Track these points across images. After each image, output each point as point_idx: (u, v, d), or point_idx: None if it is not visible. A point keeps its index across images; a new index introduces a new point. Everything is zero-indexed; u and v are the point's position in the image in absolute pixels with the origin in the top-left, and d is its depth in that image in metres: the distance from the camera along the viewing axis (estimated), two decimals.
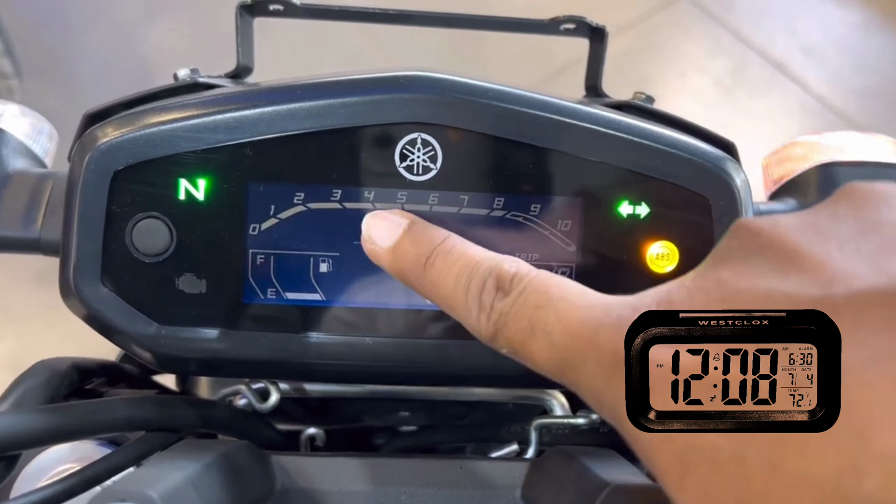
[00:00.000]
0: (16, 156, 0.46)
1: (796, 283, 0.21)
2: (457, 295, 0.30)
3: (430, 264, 0.32)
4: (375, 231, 0.34)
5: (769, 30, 2.06)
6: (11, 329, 1.60)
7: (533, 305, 0.27)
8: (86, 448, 0.39)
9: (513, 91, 0.38)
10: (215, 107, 0.37)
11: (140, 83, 1.55)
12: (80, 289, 0.37)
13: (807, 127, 1.90)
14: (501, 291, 0.29)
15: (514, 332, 0.28)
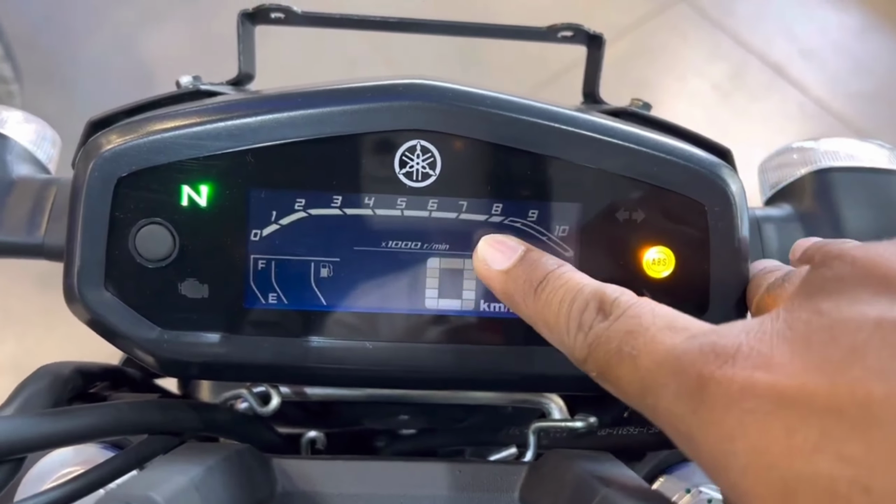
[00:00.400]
0: (20, 162, 0.46)
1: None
2: (559, 316, 0.31)
3: (540, 289, 0.33)
4: (490, 254, 0.35)
5: (767, 33, 2.06)
6: (12, 332, 1.60)
7: (625, 330, 0.28)
8: (90, 451, 0.40)
9: (511, 99, 0.38)
10: (217, 114, 0.37)
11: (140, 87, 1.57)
12: (84, 294, 0.37)
13: (805, 130, 1.91)
14: (602, 314, 0.30)
15: (604, 355, 0.29)
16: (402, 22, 0.47)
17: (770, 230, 0.46)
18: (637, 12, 2.08)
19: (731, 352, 0.24)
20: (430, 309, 0.39)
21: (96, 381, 0.43)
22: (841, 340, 0.22)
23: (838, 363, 0.21)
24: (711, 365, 0.24)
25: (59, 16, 1.97)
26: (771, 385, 0.22)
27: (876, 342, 0.21)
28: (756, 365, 0.23)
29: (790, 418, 0.21)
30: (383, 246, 0.39)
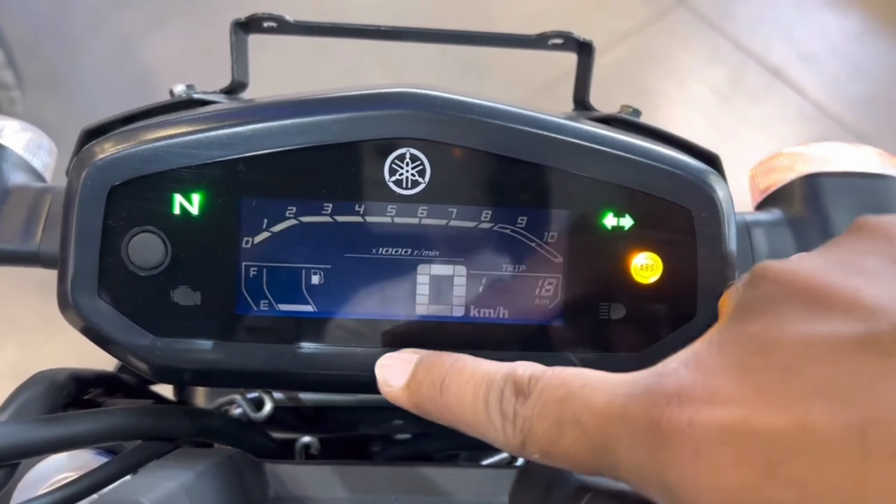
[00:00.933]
0: (15, 170, 0.47)
1: (836, 325, 0.21)
2: (477, 412, 0.30)
3: (445, 388, 0.31)
4: (388, 373, 0.34)
5: (767, 37, 2.07)
6: (13, 339, 1.61)
7: (556, 400, 0.27)
8: (84, 457, 0.40)
9: (499, 107, 0.39)
10: (209, 123, 0.38)
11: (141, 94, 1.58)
12: (78, 301, 0.38)
13: (805, 133, 1.91)
14: (521, 396, 0.28)
15: (543, 433, 0.27)
16: (394, 30, 0.47)
17: (760, 235, 0.46)
18: (637, 17, 2.09)
19: (674, 390, 0.23)
20: (420, 315, 0.40)
21: (91, 388, 0.43)
22: (772, 363, 0.21)
23: (773, 387, 0.21)
24: (659, 407, 0.23)
25: (60, 22, 1.98)
26: (716, 420, 0.21)
27: (805, 362, 0.21)
28: (699, 400, 0.22)
29: (738, 450, 0.21)
30: (374, 253, 0.39)
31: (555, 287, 0.39)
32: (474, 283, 0.40)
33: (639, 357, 0.40)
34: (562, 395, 0.27)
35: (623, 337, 0.40)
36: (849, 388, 0.20)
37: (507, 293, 0.40)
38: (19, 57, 1.66)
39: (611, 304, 0.39)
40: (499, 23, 2.02)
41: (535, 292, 0.40)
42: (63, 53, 1.94)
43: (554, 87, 1.90)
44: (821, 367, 0.20)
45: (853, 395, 0.19)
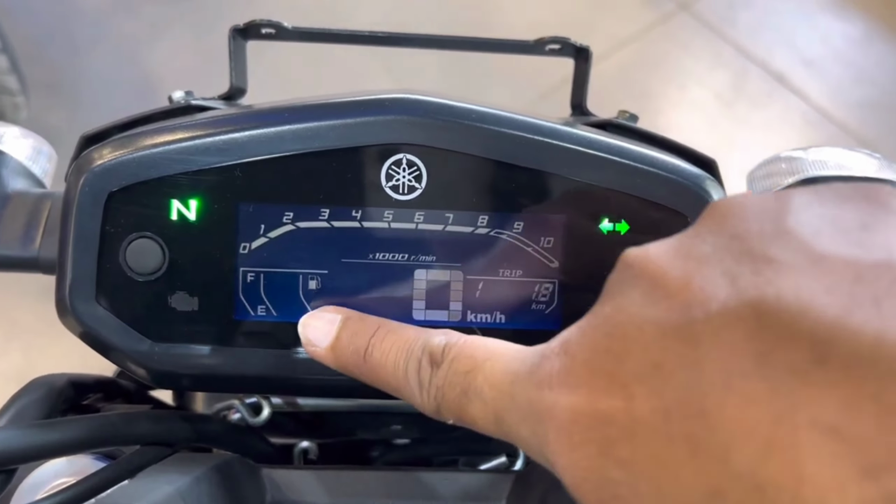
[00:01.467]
0: (15, 177, 0.47)
1: (661, 310, 0.21)
2: (398, 380, 0.32)
3: (368, 356, 0.33)
4: (312, 333, 0.36)
5: (769, 42, 2.07)
6: (17, 344, 1.61)
7: (463, 371, 0.29)
8: (83, 462, 0.40)
9: (496, 112, 0.39)
10: (206, 129, 0.38)
11: (143, 100, 1.58)
12: (76, 307, 0.38)
13: (808, 138, 1.91)
14: (435, 365, 0.30)
15: (452, 401, 0.29)
16: (391, 36, 0.47)
17: None
18: (639, 22, 2.09)
19: (546, 373, 0.24)
20: (417, 320, 0.40)
21: (90, 393, 0.43)
22: (614, 347, 0.22)
23: (611, 370, 0.22)
24: (535, 389, 0.24)
25: (64, 29, 1.99)
26: (570, 403, 0.23)
27: (637, 346, 0.21)
28: (562, 383, 0.23)
29: (584, 431, 0.22)
30: (371, 258, 0.39)
31: (551, 292, 0.40)
32: (471, 288, 0.40)
33: None
34: (468, 367, 0.28)
35: None
36: (661, 374, 0.20)
37: (504, 298, 0.40)
38: (23, 62, 1.67)
39: None
40: (501, 29, 2.03)
41: (532, 297, 0.40)
42: (67, 59, 1.95)
43: (556, 92, 1.90)
44: (647, 351, 0.21)
45: (664, 381, 0.20)
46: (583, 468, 0.22)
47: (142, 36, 1.98)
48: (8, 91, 1.61)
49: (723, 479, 0.18)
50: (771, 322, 0.19)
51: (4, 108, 1.63)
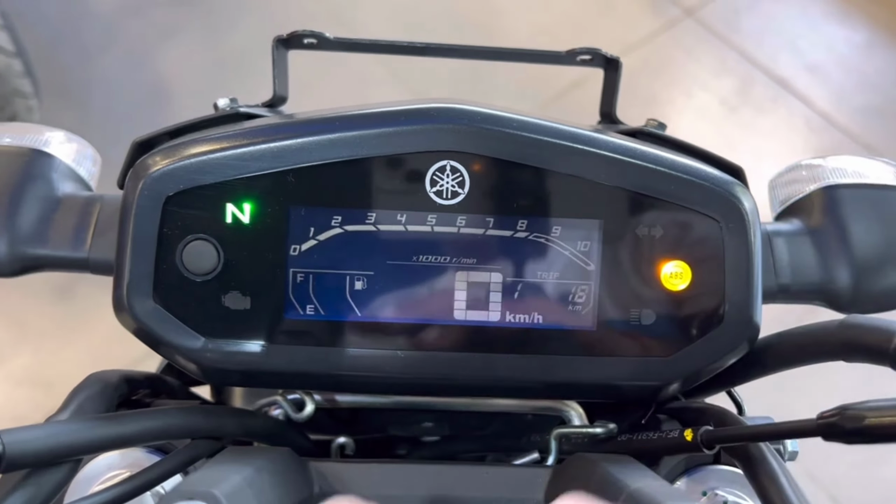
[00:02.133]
0: (64, 180, 0.49)
1: None
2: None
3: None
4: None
5: (773, 48, 2.09)
6: (28, 345, 1.62)
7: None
8: (135, 455, 0.42)
9: (536, 121, 0.40)
10: (260, 137, 0.40)
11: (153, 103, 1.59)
12: (132, 305, 0.40)
13: (812, 143, 1.93)
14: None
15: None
16: (427, 47, 0.49)
17: (781, 244, 0.47)
18: (645, 28, 2.11)
19: None
20: (458, 320, 0.41)
21: (140, 389, 0.45)
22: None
23: None
24: None
25: (75, 32, 2.01)
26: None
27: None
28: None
29: None
30: (414, 260, 0.41)
31: (587, 294, 0.41)
32: (510, 289, 0.41)
33: (669, 361, 0.41)
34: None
35: (653, 342, 0.41)
36: None
37: (542, 299, 0.41)
38: (35, 66, 1.68)
39: (641, 311, 0.41)
40: (509, 34, 2.04)
41: (569, 299, 0.41)
42: (78, 62, 1.96)
43: (561, 98, 1.92)
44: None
45: None
46: None
47: (152, 39, 2.00)
48: (22, 94, 1.63)
49: None
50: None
51: (18, 111, 1.65)
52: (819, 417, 0.34)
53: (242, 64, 1.93)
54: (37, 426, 0.33)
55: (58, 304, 1.65)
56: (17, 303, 1.64)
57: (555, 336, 0.42)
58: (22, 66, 1.60)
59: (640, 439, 0.43)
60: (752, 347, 0.42)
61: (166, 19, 2.03)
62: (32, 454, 0.32)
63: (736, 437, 0.38)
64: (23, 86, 1.61)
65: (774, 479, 0.37)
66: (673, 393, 0.43)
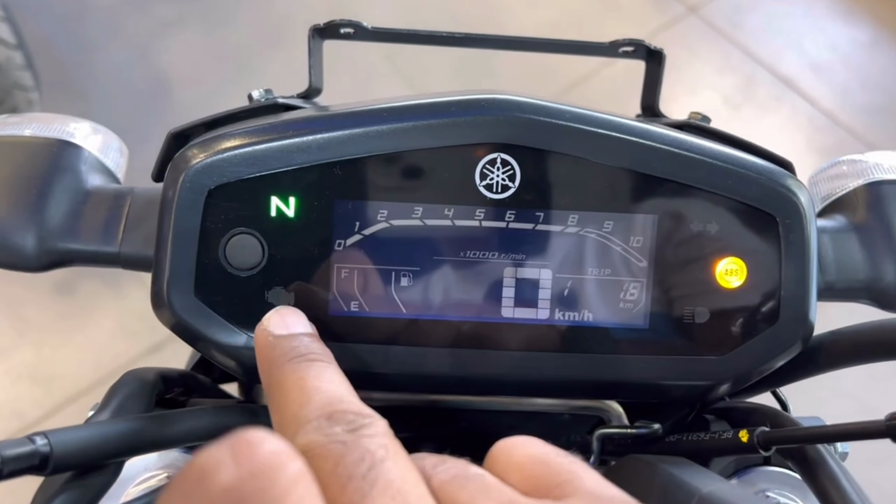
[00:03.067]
0: (93, 172, 0.47)
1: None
2: (302, 401, 0.29)
3: (296, 362, 0.31)
4: (274, 321, 0.34)
5: (777, 47, 2.08)
6: (29, 341, 1.61)
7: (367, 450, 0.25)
8: (172, 455, 0.41)
9: (589, 113, 0.39)
10: (305, 128, 0.38)
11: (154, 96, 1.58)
12: (172, 301, 0.38)
13: (816, 142, 1.93)
14: (331, 422, 0.27)
15: (315, 458, 0.26)
16: (468, 37, 0.48)
17: (826, 241, 0.46)
18: (648, 25, 2.10)
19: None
20: (506, 317, 0.40)
21: (174, 387, 0.44)
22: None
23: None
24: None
25: (76, 25, 1.99)
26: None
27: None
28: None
29: None
30: (461, 256, 0.40)
31: (639, 291, 0.40)
32: (559, 286, 0.40)
33: (721, 360, 0.40)
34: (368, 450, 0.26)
35: (706, 340, 0.40)
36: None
37: (592, 296, 0.40)
38: (36, 59, 1.66)
39: (695, 308, 0.40)
40: (514, 30, 2.03)
41: (620, 296, 0.40)
42: (79, 56, 1.94)
43: (567, 93, 1.91)
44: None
45: None
46: None
47: (153, 33, 1.98)
48: (23, 87, 1.61)
49: None
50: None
51: (18, 103, 1.63)
52: (889, 418, 0.33)
53: (244, 58, 1.91)
54: (82, 427, 0.32)
55: (59, 300, 1.63)
56: (18, 298, 1.63)
57: (605, 334, 0.41)
58: (23, 58, 1.58)
59: (690, 440, 0.42)
60: (805, 346, 0.41)
61: (168, 12, 2.01)
62: (80, 455, 0.31)
63: (795, 439, 0.37)
64: (23, 79, 1.59)
65: (835, 481, 0.36)
66: (723, 393, 0.42)
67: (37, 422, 1.52)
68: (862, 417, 0.35)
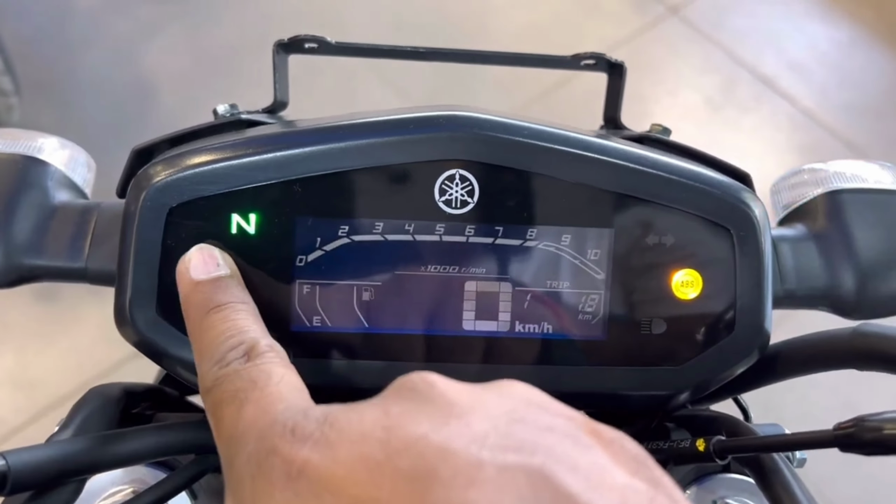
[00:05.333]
0: (59, 188, 0.47)
1: (451, 435, 0.23)
2: (212, 344, 0.32)
3: (213, 313, 0.34)
4: (195, 261, 0.37)
5: (758, 47, 2.10)
6: (10, 346, 1.60)
7: (250, 378, 0.30)
8: (139, 470, 0.41)
9: (545, 129, 0.40)
10: (266, 146, 0.39)
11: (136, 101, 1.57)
12: (135, 318, 0.39)
13: (796, 142, 1.94)
14: (246, 357, 0.31)
15: (222, 392, 0.30)
16: (431, 51, 0.48)
17: (785, 249, 0.47)
18: (630, 27, 2.11)
19: (307, 432, 0.24)
20: (467, 330, 0.41)
21: (141, 402, 0.44)
22: (390, 444, 0.23)
23: (376, 463, 0.23)
24: (286, 439, 0.25)
25: (56, 29, 1.98)
26: (318, 471, 0.23)
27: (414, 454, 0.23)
28: (317, 450, 0.24)
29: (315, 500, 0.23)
30: (422, 270, 0.40)
31: (597, 303, 0.41)
32: (519, 299, 0.41)
33: (679, 370, 0.41)
34: (257, 378, 0.30)
35: (664, 351, 0.41)
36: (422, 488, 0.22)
37: (551, 308, 0.41)
38: (16, 63, 1.65)
39: (652, 319, 0.41)
40: (497, 34, 2.04)
41: (579, 308, 0.41)
42: (60, 59, 1.94)
43: (546, 97, 1.92)
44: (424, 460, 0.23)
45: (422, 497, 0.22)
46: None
47: (135, 36, 1.97)
48: (2, 92, 1.61)
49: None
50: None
51: None
52: (836, 428, 0.34)
53: (227, 62, 1.91)
54: (41, 446, 0.33)
55: (41, 305, 1.63)
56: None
57: (565, 346, 0.41)
58: (2, 63, 1.57)
59: (650, 449, 0.42)
60: (763, 355, 0.42)
61: (150, 16, 2.00)
62: (38, 475, 0.32)
63: (749, 448, 0.38)
64: (2, 83, 1.59)
65: (788, 489, 0.37)
66: (683, 402, 0.43)
67: (19, 428, 1.51)
68: (845, 414, 0.35)
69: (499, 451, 0.22)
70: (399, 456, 0.22)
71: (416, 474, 0.22)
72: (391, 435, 0.23)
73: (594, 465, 0.23)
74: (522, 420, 0.24)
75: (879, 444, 0.32)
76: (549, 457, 0.22)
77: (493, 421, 0.24)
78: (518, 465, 0.22)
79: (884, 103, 2.04)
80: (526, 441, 0.23)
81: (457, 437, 0.23)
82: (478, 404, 0.25)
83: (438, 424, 0.23)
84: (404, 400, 0.25)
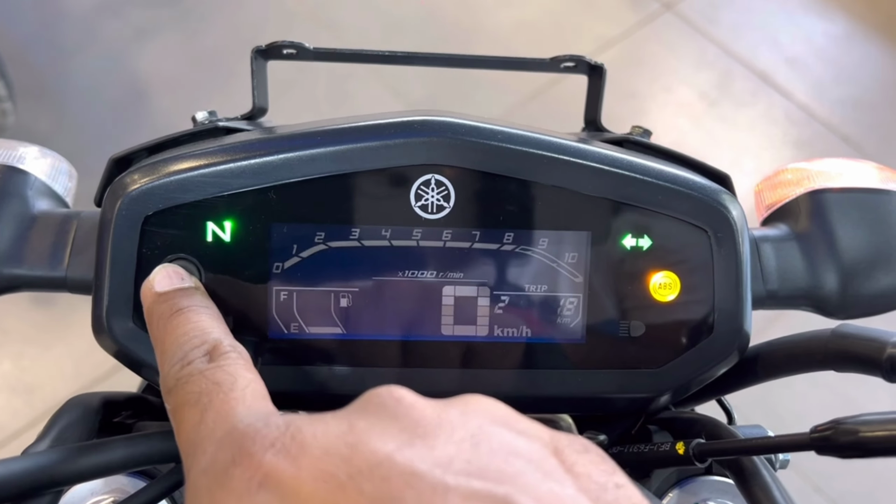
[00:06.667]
0: (40, 197, 0.47)
1: (417, 455, 0.23)
2: (175, 345, 0.32)
3: (175, 316, 0.34)
4: (160, 278, 0.36)
5: (753, 42, 2.09)
6: (7, 351, 1.60)
7: (214, 381, 0.29)
8: (118, 480, 0.41)
9: (520, 132, 0.40)
10: (240, 153, 0.39)
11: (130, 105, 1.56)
12: (112, 327, 0.39)
13: (792, 136, 1.94)
14: (209, 356, 0.31)
15: (185, 394, 0.29)
16: (409, 56, 0.48)
17: (768, 250, 0.47)
18: (625, 23, 2.11)
19: (268, 441, 0.24)
20: (445, 335, 0.41)
21: (122, 411, 0.44)
22: (353, 460, 0.23)
23: (341, 478, 0.22)
24: (245, 448, 0.24)
25: (50, 34, 1.98)
26: (280, 485, 0.23)
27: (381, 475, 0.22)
28: (279, 461, 0.23)
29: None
30: (400, 275, 0.40)
31: (576, 306, 0.41)
32: (497, 303, 0.41)
33: (659, 372, 0.41)
34: (221, 381, 0.29)
35: (643, 353, 0.41)
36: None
37: (530, 313, 0.41)
38: (9, 67, 1.65)
39: (630, 322, 0.41)
40: (489, 32, 2.04)
41: (557, 311, 0.41)
42: (53, 64, 1.93)
43: (541, 95, 1.91)
44: (385, 482, 0.23)
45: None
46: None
47: (129, 41, 1.97)
48: None
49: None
50: None
51: None
52: (813, 431, 0.34)
53: (221, 65, 1.91)
54: (16, 459, 0.33)
55: (38, 310, 1.63)
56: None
57: (544, 350, 0.41)
58: None
59: (631, 452, 0.42)
60: (743, 356, 0.42)
61: (143, 20, 2.00)
62: (11, 487, 0.32)
63: (728, 451, 0.38)
64: None
65: (767, 492, 0.37)
66: (664, 404, 0.43)
67: (17, 433, 1.52)
68: (845, 413, 0.34)
69: (463, 477, 0.22)
70: (363, 477, 0.22)
71: (381, 498, 0.22)
72: (354, 452, 0.23)
73: (556, 496, 0.23)
74: (488, 440, 0.24)
75: (856, 447, 0.32)
76: (513, 486, 0.22)
77: (458, 444, 0.24)
78: (483, 493, 0.22)
79: (880, 97, 2.04)
80: (490, 467, 0.23)
81: (420, 459, 0.23)
82: (444, 422, 0.25)
83: (403, 444, 0.23)
84: (370, 415, 0.25)
